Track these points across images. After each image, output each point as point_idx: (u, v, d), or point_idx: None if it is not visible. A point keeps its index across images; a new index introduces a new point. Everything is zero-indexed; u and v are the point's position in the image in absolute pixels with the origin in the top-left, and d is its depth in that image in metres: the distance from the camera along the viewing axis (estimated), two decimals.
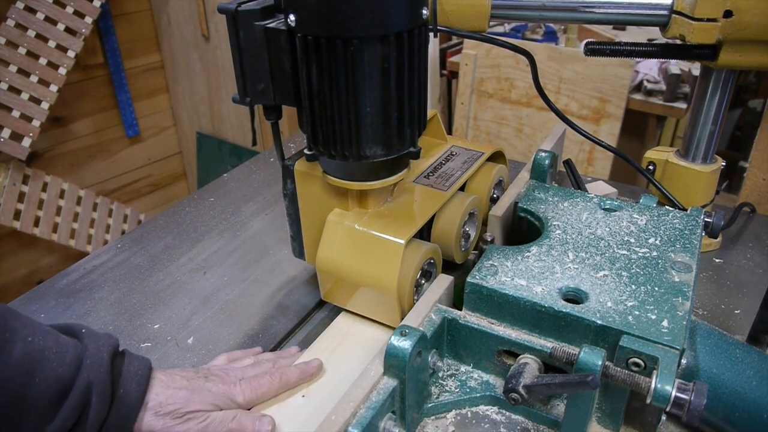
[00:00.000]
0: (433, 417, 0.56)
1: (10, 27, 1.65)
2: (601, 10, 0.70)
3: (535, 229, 0.67)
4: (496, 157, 0.80)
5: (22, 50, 1.68)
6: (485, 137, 2.08)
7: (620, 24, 1.30)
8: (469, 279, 0.56)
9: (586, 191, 0.73)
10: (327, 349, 0.63)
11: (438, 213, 0.67)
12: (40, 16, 1.69)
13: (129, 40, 2.06)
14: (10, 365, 0.45)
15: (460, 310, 0.58)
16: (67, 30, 1.74)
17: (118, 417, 0.50)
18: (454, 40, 2.28)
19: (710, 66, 0.71)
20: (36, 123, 1.71)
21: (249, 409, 0.56)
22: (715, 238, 0.81)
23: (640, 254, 0.59)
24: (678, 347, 0.47)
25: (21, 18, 1.66)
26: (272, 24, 0.54)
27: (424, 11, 0.53)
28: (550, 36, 2.19)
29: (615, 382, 0.47)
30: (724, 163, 0.80)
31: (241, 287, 0.77)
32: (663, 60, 1.85)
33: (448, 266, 0.72)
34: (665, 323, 0.50)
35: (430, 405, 0.55)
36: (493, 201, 0.77)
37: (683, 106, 1.82)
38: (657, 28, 0.71)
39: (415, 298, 0.62)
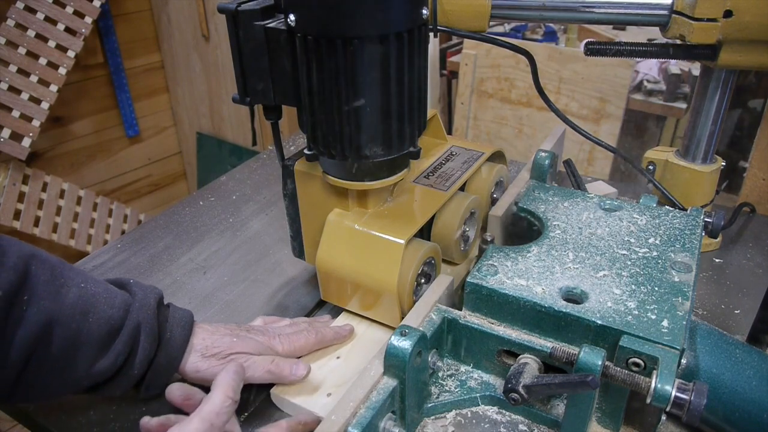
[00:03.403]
0: (433, 417, 0.56)
1: (10, 27, 1.65)
2: (601, 10, 0.70)
3: (535, 229, 0.67)
4: (496, 157, 0.80)
5: (22, 50, 1.67)
6: (485, 137, 2.08)
7: (620, 24, 1.30)
8: (469, 279, 0.56)
9: (586, 191, 0.73)
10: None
11: (438, 213, 0.67)
12: (40, 16, 1.69)
13: (129, 40, 2.06)
14: (66, 306, 0.50)
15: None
16: (67, 30, 1.74)
17: (166, 357, 0.56)
18: (454, 40, 2.28)
19: (710, 66, 0.71)
20: (36, 123, 1.71)
21: None
22: (715, 238, 0.81)
23: (640, 254, 0.59)
24: (678, 347, 0.47)
25: (21, 18, 1.66)
26: (272, 24, 0.54)
27: (424, 11, 0.53)
28: (550, 36, 2.19)
29: (615, 382, 0.47)
30: (724, 163, 0.80)
31: (241, 287, 0.77)
32: (663, 60, 1.85)
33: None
34: (665, 323, 0.50)
35: (430, 405, 0.55)
36: (493, 201, 0.77)
37: (683, 106, 1.82)
38: (657, 28, 0.71)
39: (415, 297, 0.62)
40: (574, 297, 0.54)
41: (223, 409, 0.47)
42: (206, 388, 0.57)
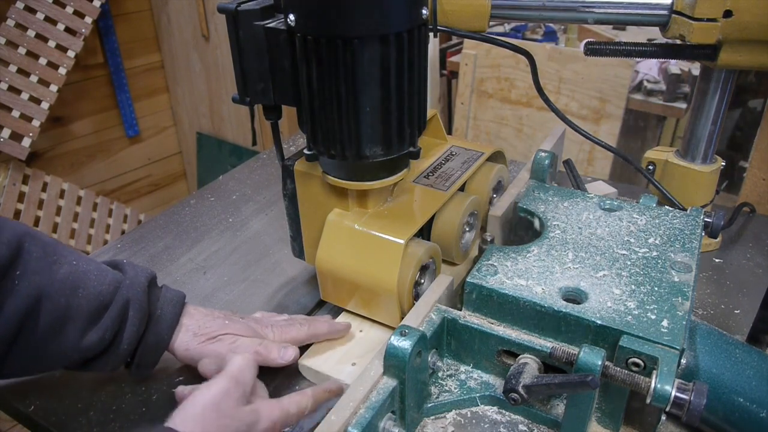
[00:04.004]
0: (432, 417, 0.56)
1: (10, 27, 1.65)
2: (601, 10, 0.70)
3: (535, 229, 0.67)
4: (496, 157, 0.80)
5: (22, 50, 1.67)
6: (485, 137, 2.08)
7: (620, 24, 1.30)
8: (469, 279, 0.56)
9: (586, 191, 0.73)
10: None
11: (438, 213, 0.67)
12: (40, 16, 1.69)
13: (129, 40, 2.06)
14: (56, 281, 0.52)
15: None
16: (67, 30, 1.74)
17: (155, 335, 0.57)
18: (454, 40, 2.28)
19: (710, 66, 0.71)
20: (36, 123, 1.71)
21: None
22: (715, 238, 0.81)
23: (639, 254, 0.59)
24: (678, 347, 0.47)
25: (21, 18, 1.66)
26: (272, 24, 0.54)
27: (424, 11, 0.53)
28: (550, 36, 2.19)
29: (615, 382, 0.47)
30: (723, 163, 0.80)
31: (241, 287, 0.77)
32: (663, 60, 1.85)
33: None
34: (665, 323, 0.50)
35: (429, 405, 0.55)
36: (493, 201, 0.77)
37: (683, 106, 1.82)
38: (657, 28, 0.71)
39: (414, 298, 0.62)
40: (573, 297, 0.54)
41: (247, 365, 0.49)
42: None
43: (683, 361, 0.51)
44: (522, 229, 0.71)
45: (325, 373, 0.60)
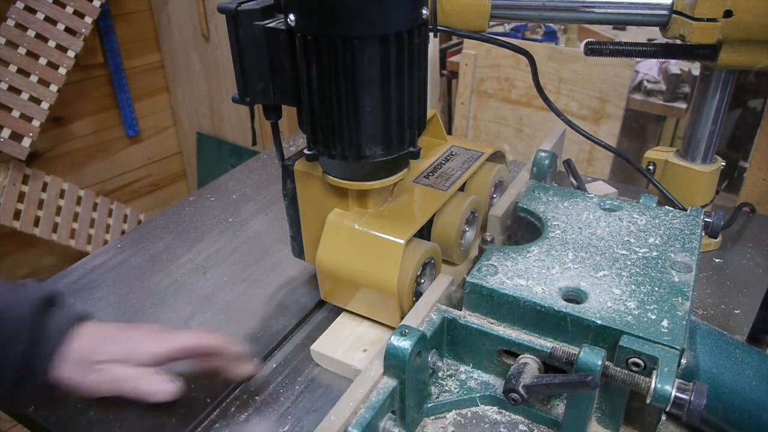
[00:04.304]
0: (432, 417, 0.56)
1: (10, 27, 1.65)
2: (601, 10, 0.70)
3: (535, 229, 0.67)
4: (496, 157, 0.80)
5: (22, 50, 1.67)
6: (485, 137, 2.08)
7: (620, 24, 1.30)
8: (468, 279, 0.56)
9: (586, 191, 0.73)
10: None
11: (438, 213, 0.67)
12: (40, 16, 1.69)
13: (129, 40, 2.06)
14: None
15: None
16: (67, 30, 1.74)
17: (41, 360, 0.51)
18: (454, 40, 2.27)
19: (710, 66, 0.71)
20: (36, 123, 1.71)
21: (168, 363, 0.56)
22: (715, 238, 0.81)
23: (640, 254, 0.59)
24: (678, 347, 0.47)
25: (21, 18, 1.66)
26: (272, 24, 0.54)
27: (424, 11, 0.53)
28: (550, 36, 2.19)
29: (615, 382, 0.47)
30: (724, 163, 0.80)
31: (241, 287, 0.77)
32: (663, 60, 1.85)
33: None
34: (665, 323, 0.50)
35: (429, 405, 0.55)
36: (493, 201, 0.77)
37: (683, 106, 1.82)
38: (657, 28, 0.71)
39: (414, 298, 0.62)
40: (574, 297, 0.54)
41: None
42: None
43: (683, 361, 0.51)
44: (522, 229, 0.71)
45: (336, 359, 0.61)
